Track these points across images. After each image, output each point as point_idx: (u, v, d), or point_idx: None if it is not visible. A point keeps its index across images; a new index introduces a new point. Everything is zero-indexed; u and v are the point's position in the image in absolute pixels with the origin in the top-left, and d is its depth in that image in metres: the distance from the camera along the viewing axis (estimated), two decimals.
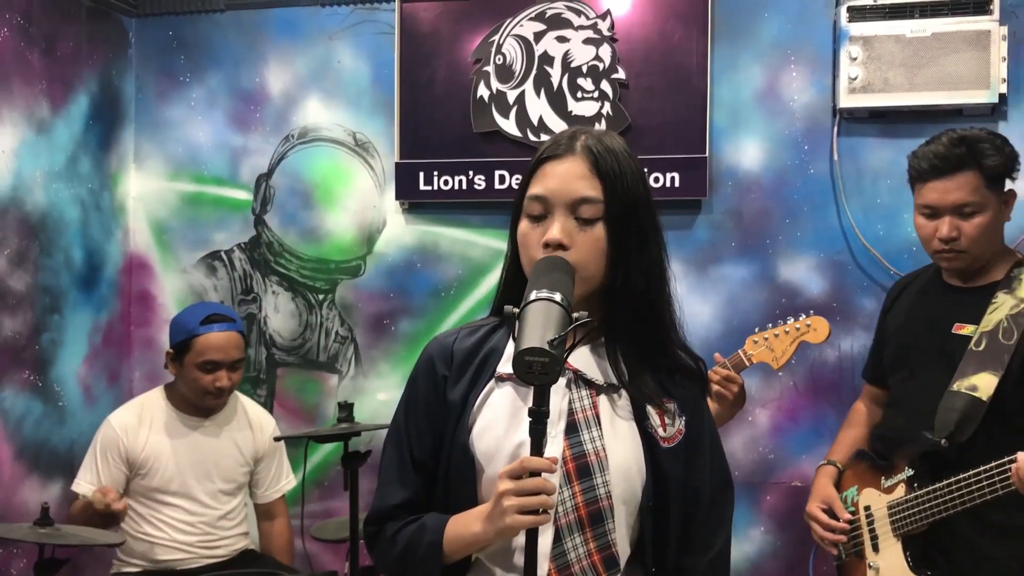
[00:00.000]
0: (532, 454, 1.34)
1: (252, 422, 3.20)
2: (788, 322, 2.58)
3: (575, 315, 1.35)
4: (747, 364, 2.55)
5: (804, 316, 2.58)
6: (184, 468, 3.06)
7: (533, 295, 1.35)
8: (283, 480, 3.28)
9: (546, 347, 1.26)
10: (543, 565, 1.44)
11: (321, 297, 3.69)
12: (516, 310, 1.36)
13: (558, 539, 1.46)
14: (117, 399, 3.59)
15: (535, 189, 1.51)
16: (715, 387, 2.41)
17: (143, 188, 3.82)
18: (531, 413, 1.32)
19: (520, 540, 1.43)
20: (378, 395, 3.59)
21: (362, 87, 3.63)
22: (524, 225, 1.52)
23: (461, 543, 1.48)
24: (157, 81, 3.79)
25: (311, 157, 3.68)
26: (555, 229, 1.46)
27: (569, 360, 1.47)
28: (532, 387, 1.32)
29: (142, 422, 3.07)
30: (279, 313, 3.73)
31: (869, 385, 2.57)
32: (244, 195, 3.74)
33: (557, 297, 1.34)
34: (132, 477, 3.05)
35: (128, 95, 3.78)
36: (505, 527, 1.38)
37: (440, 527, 1.50)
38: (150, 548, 3.02)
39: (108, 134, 3.68)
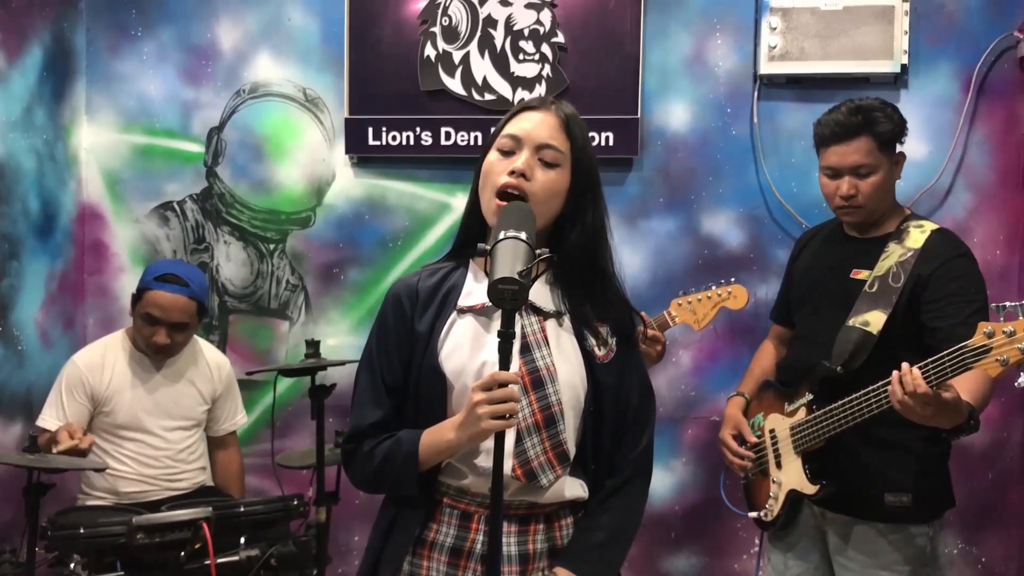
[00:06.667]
0: (500, 369, 1.57)
1: (210, 364, 3.38)
2: (711, 288, 2.83)
3: (538, 251, 1.59)
4: (671, 324, 2.83)
5: (725, 284, 2.84)
6: (146, 406, 3.23)
7: (502, 234, 1.58)
8: (238, 415, 3.48)
9: (516, 277, 1.50)
10: (507, 462, 1.70)
11: (272, 247, 3.85)
12: (488, 247, 1.59)
13: (519, 440, 1.72)
14: (73, 344, 3.72)
15: (510, 129, 1.78)
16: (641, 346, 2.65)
17: (95, 140, 3.90)
18: (500, 334, 1.54)
19: (487, 444, 1.68)
20: (328, 340, 3.76)
21: (312, 44, 3.76)
22: (493, 156, 1.78)
23: (435, 450, 1.73)
24: (108, 34, 3.87)
25: (262, 112, 3.82)
26: (520, 160, 1.74)
27: None
28: (490, 316, 1.56)
29: (105, 362, 3.22)
30: (231, 262, 3.87)
31: (776, 325, 2.86)
32: (196, 147, 3.86)
33: (523, 236, 1.58)
34: (96, 414, 3.20)
35: (79, 48, 3.85)
36: (479, 431, 1.63)
37: (415, 439, 1.74)
38: (114, 481, 3.19)
39: (61, 86, 3.76)
